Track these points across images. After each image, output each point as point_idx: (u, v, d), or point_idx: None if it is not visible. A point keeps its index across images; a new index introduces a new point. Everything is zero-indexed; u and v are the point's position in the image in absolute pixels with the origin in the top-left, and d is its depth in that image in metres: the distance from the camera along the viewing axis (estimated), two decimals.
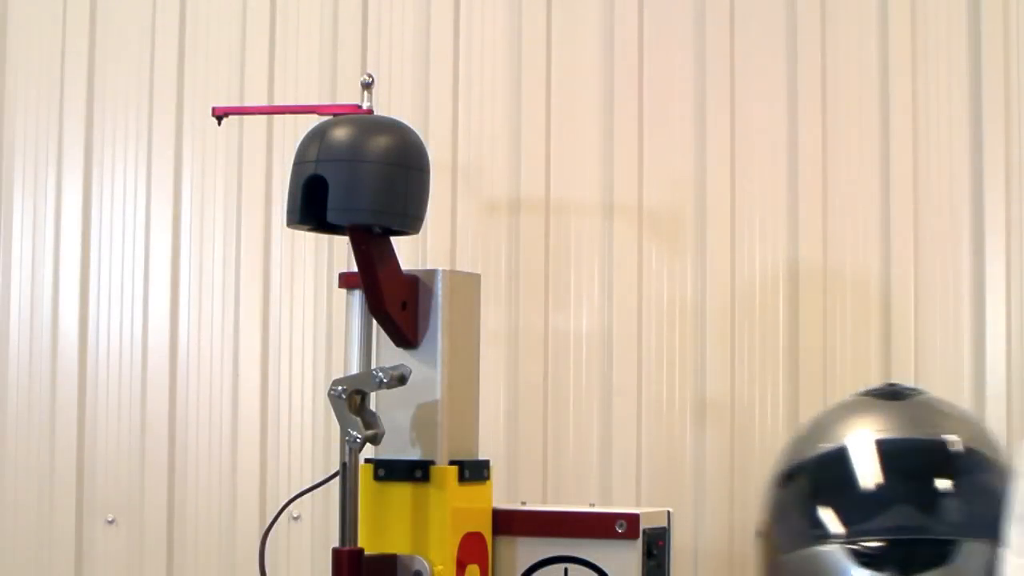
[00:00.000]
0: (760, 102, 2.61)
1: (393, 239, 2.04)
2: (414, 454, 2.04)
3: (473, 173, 2.71)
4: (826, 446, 1.55)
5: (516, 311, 2.68)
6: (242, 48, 2.84)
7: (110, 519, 2.81)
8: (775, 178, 2.60)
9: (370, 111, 2.18)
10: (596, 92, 2.69)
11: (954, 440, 1.50)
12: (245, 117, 2.70)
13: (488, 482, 2.09)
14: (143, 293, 2.84)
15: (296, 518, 2.72)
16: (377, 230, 1.99)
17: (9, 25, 2.93)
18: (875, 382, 2.52)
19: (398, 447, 2.03)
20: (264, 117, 2.75)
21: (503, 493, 2.37)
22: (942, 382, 2.55)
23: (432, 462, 2.02)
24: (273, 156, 2.78)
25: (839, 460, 1.52)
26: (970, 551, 1.42)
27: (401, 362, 2.02)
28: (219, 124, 2.37)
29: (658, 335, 2.61)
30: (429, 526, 1.98)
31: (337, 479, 2.01)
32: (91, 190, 2.88)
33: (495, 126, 2.73)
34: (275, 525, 2.11)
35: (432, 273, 2.09)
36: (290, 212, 1.99)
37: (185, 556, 2.78)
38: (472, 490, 2.04)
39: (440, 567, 1.97)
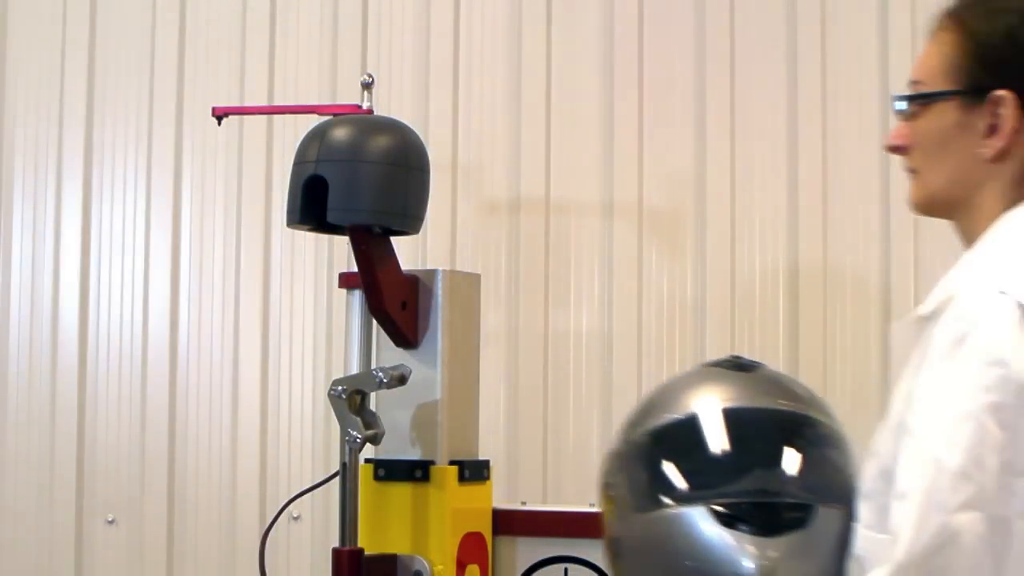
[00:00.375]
0: (760, 102, 2.61)
1: (393, 239, 2.04)
2: (414, 454, 2.04)
3: (473, 173, 2.71)
4: (680, 413, 1.57)
5: (516, 311, 2.68)
6: (242, 48, 2.84)
7: (110, 519, 2.81)
8: (775, 178, 2.60)
9: (370, 111, 2.18)
10: (596, 92, 2.69)
11: (803, 411, 1.56)
12: (245, 117, 2.70)
13: (488, 482, 2.09)
14: (143, 293, 2.84)
15: (296, 518, 2.72)
16: (377, 230, 1.99)
17: (9, 25, 2.93)
18: (874, 381, 2.52)
19: (398, 447, 2.03)
20: (264, 117, 2.75)
21: (503, 493, 2.37)
22: None
23: (432, 462, 2.02)
24: (273, 156, 2.78)
25: (695, 426, 1.55)
26: (826, 516, 1.47)
27: (401, 362, 2.02)
28: (219, 124, 2.37)
29: (658, 334, 2.61)
30: (429, 526, 1.98)
31: (337, 479, 2.01)
32: (91, 190, 2.88)
33: (495, 126, 2.73)
34: (275, 525, 2.11)
35: (432, 273, 2.09)
36: (290, 212, 1.99)
37: (185, 556, 2.78)
38: (472, 490, 2.04)
39: (440, 567, 1.97)
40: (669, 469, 1.52)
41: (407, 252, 2.34)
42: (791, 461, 1.51)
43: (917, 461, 1.31)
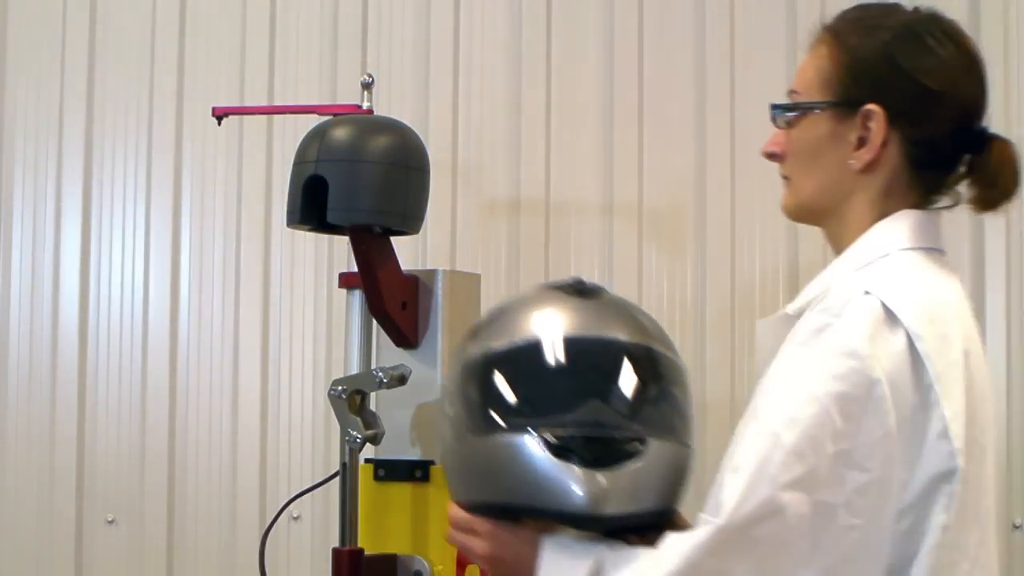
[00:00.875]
0: (760, 102, 2.60)
1: (393, 239, 2.04)
2: (414, 454, 2.04)
3: (473, 173, 2.71)
4: (520, 338, 1.58)
5: None
6: (242, 48, 2.84)
7: (110, 519, 2.81)
8: (775, 178, 2.58)
9: (370, 111, 2.18)
10: (596, 92, 2.69)
11: (644, 343, 1.58)
12: (245, 117, 2.70)
13: None
14: (143, 293, 2.84)
15: (296, 518, 2.72)
16: (377, 230, 1.99)
17: (9, 25, 2.93)
18: None
19: (398, 447, 2.03)
20: (264, 117, 2.74)
21: None
22: None
23: (432, 462, 2.01)
24: (273, 156, 2.78)
25: (534, 352, 1.55)
26: (660, 449, 1.51)
27: (401, 362, 2.02)
28: (219, 124, 2.37)
29: None
30: (429, 526, 1.98)
31: (337, 479, 2.01)
32: (91, 190, 2.88)
33: (495, 126, 2.73)
34: (275, 525, 2.11)
35: (432, 273, 2.09)
36: (290, 212, 1.99)
37: (185, 556, 2.78)
38: None
39: (440, 567, 1.97)
40: (506, 394, 1.53)
41: (407, 252, 2.34)
42: (626, 393, 1.53)
43: (757, 436, 1.35)
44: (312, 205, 1.96)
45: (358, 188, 1.94)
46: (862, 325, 1.36)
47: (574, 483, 1.46)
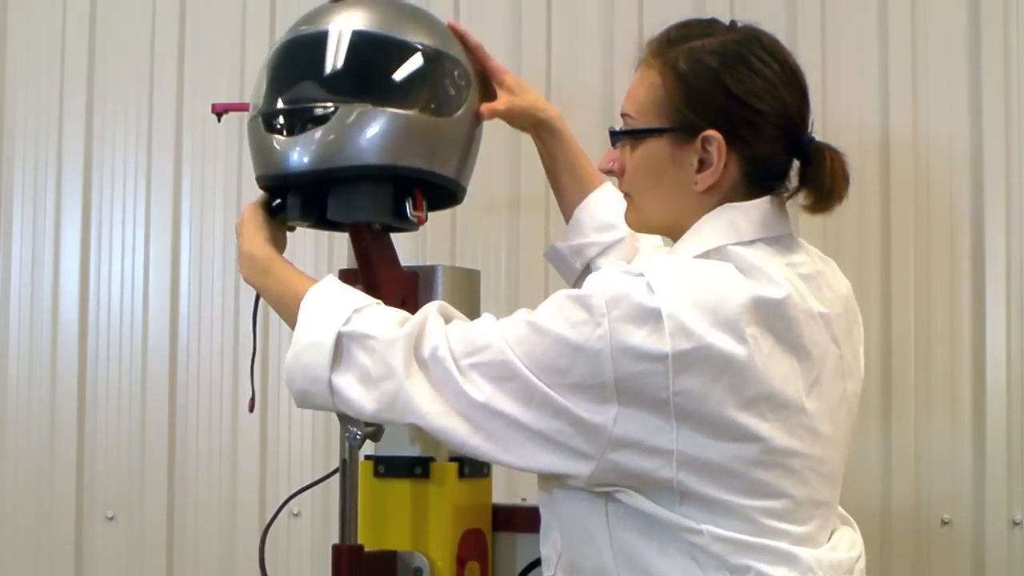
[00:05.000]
0: None
1: (393, 235, 2.04)
2: (414, 450, 2.04)
3: (473, 172, 2.71)
4: (278, 39, 1.90)
5: (516, 308, 2.67)
6: (242, 48, 2.84)
7: (110, 515, 2.82)
8: None
9: None
10: (596, 92, 2.70)
11: (363, 27, 1.84)
12: (245, 115, 2.69)
13: (488, 478, 2.09)
14: (143, 291, 2.85)
15: (296, 515, 2.72)
16: (377, 226, 1.99)
17: (9, 24, 2.93)
18: (874, 381, 2.53)
19: (398, 444, 2.03)
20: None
21: (503, 489, 2.37)
22: (942, 382, 2.56)
23: (432, 458, 2.01)
24: None
25: (278, 49, 1.88)
26: (347, 113, 1.78)
27: None
28: (219, 120, 2.37)
29: None
30: (429, 522, 1.98)
31: (337, 476, 2.01)
32: (91, 188, 2.88)
33: (495, 125, 2.72)
34: (275, 522, 2.10)
35: (432, 269, 2.09)
36: (290, 207, 1.99)
37: (185, 552, 2.79)
38: (472, 486, 2.04)
39: (440, 563, 1.97)
40: (259, 84, 1.88)
41: (407, 248, 2.34)
42: (324, 71, 1.80)
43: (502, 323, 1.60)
44: (312, 202, 1.96)
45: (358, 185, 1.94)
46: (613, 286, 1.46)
47: (268, 148, 1.80)
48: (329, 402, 1.60)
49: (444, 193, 1.96)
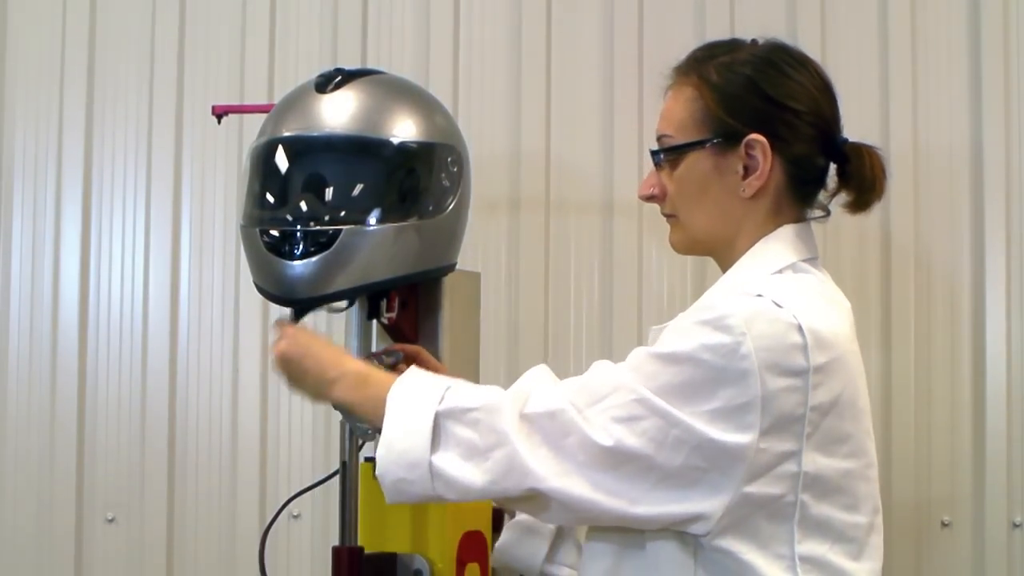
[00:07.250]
0: None
1: None
2: None
3: (473, 170, 2.71)
4: (264, 137, 1.86)
5: (516, 310, 2.68)
6: (242, 48, 2.84)
7: (110, 517, 2.81)
8: None
9: None
10: (596, 91, 2.69)
11: (366, 133, 1.81)
12: (245, 116, 2.69)
13: None
14: (143, 292, 2.84)
15: (296, 516, 2.72)
16: None
17: (9, 24, 2.93)
18: (874, 382, 2.53)
19: None
20: (264, 115, 2.73)
21: None
22: (942, 382, 2.55)
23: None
24: None
25: (263, 152, 1.84)
26: (351, 234, 1.77)
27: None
28: (219, 122, 2.37)
29: None
30: (429, 524, 1.98)
31: (337, 477, 2.01)
32: (91, 189, 2.88)
33: (495, 125, 2.73)
34: (275, 523, 2.10)
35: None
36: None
37: (185, 554, 2.78)
38: None
39: (440, 565, 1.97)
40: (255, 181, 1.84)
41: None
42: (322, 190, 1.79)
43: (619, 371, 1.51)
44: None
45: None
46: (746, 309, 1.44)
47: (273, 270, 1.79)
48: (429, 487, 1.52)
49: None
